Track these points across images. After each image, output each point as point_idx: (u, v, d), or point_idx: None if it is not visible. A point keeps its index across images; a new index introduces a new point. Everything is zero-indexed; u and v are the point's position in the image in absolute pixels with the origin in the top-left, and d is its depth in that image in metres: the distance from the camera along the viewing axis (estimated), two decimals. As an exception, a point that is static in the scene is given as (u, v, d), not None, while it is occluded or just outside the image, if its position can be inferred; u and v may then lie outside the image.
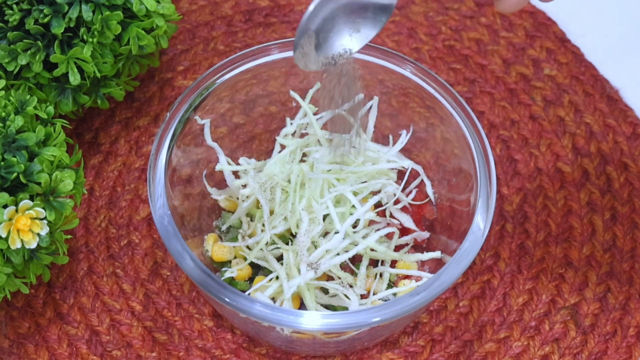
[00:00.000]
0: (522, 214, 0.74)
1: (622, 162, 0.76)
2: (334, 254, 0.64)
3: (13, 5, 0.65)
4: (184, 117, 0.66)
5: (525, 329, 0.70)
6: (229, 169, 0.69)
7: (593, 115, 0.78)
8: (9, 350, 0.68)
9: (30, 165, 0.60)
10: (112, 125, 0.77)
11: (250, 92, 0.71)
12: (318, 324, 0.59)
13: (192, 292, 0.71)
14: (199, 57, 0.81)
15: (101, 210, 0.74)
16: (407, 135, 0.70)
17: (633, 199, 0.74)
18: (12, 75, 0.67)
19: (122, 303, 0.70)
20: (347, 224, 0.64)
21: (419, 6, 0.83)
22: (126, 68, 0.72)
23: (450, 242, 0.67)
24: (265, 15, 0.82)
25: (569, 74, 0.80)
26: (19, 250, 0.60)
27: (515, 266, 0.72)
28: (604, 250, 0.73)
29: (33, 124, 0.63)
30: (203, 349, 0.69)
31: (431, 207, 0.71)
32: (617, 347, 0.69)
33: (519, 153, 0.76)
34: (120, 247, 0.72)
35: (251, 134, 0.74)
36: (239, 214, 0.69)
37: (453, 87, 0.74)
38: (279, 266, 0.65)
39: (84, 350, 0.69)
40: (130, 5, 0.68)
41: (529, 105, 0.78)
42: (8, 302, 0.70)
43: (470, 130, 0.65)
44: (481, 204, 0.63)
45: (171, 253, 0.61)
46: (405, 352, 0.69)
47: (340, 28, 0.60)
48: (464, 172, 0.67)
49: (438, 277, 0.60)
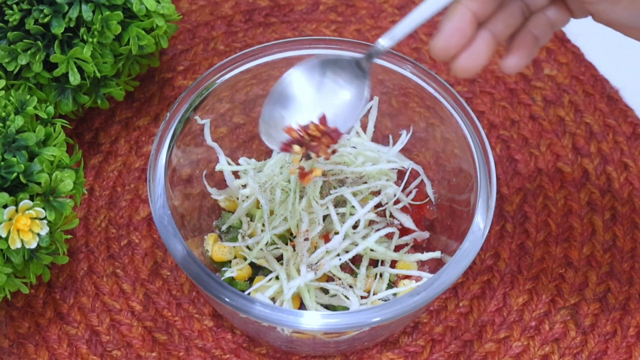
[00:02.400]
0: (522, 214, 0.74)
1: (622, 162, 0.76)
2: (334, 254, 0.64)
3: (13, 5, 0.65)
4: (184, 117, 0.66)
5: (525, 329, 0.70)
6: (229, 169, 0.69)
7: (593, 115, 0.78)
8: (9, 350, 0.68)
9: (30, 165, 0.60)
10: (112, 125, 0.77)
11: (250, 92, 0.71)
12: (318, 324, 0.59)
13: (192, 292, 0.71)
14: (199, 57, 0.81)
15: (101, 210, 0.74)
16: (407, 135, 0.70)
17: (633, 199, 0.74)
18: (12, 75, 0.67)
19: (122, 303, 0.70)
20: (347, 226, 0.64)
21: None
22: (126, 68, 0.72)
23: (450, 242, 0.67)
24: (265, 15, 0.82)
25: (569, 74, 0.80)
26: (19, 250, 0.60)
27: (515, 266, 0.72)
28: (604, 250, 0.73)
29: (33, 124, 0.63)
30: (203, 349, 0.69)
31: (431, 207, 0.71)
32: (617, 347, 0.69)
33: (519, 153, 0.76)
34: (120, 247, 0.72)
35: (251, 134, 0.74)
36: (239, 214, 0.69)
37: (453, 87, 0.74)
38: (279, 266, 0.65)
39: (84, 350, 0.69)
40: (130, 5, 0.68)
41: (529, 105, 0.78)
42: (8, 302, 0.70)
43: (470, 130, 0.65)
44: (481, 204, 0.63)
45: (171, 253, 0.61)
46: (405, 352, 0.69)
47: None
48: (464, 172, 0.67)
49: (438, 277, 0.60)
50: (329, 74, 0.59)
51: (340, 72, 0.58)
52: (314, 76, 0.59)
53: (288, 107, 0.59)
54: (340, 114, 0.59)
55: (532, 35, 0.56)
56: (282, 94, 0.59)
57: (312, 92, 0.59)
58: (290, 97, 0.59)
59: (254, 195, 0.67)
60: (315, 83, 0.59)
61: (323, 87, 0.59)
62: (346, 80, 0.59)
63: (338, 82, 0.59)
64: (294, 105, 0.59)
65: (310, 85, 0.59)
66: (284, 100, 0.59)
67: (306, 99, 0.59)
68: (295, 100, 0.59)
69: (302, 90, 0.59)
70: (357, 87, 0.58)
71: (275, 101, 0.59)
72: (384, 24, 0.82)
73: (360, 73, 0.58)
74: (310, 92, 0.59)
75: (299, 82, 0.59)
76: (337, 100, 0.59)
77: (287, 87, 0.59)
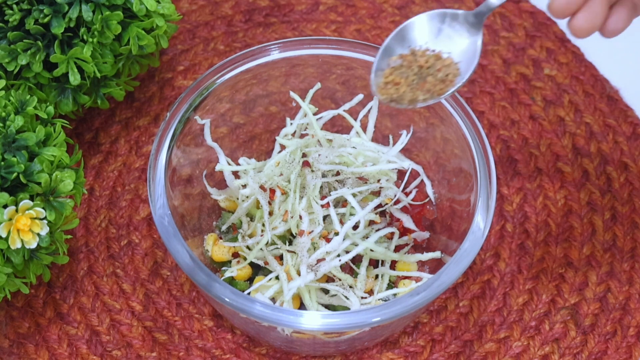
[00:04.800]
0: (522, 214, 0.74)
1: (622, 162, 0.76)
2: (334, 255, 0.64)
3: (13, 5, 0.65)
4: (184, 117, 0.66)
5: (525, 329, 0.70)
6: (229, 169, 0.69)
7: (593, 115, 0.78)
8: (9, 350, 0.68)
9: (30, 165, 0.60)
10: (112, 125, 0.77)
11: (250, 92, 0.71)
12: (318, 324, 0.59)
13: (192, 292, 0.71)
14: (199, 57, 0.81)
15: (101, 210, 0.74)
16: (407, 136, 0.70)
17: (633, 199, 0.74)
18: (12, 75, 0.67)
19: (122, 303, 0.70)
20: (347, 227, 0.64)
21: (419, 6, 0.83)
22: (126, 68, 0.72)
23: (450, 242, 0.67)
24: (265, 15, 0.83)
25: (569, 74, 0.80)
26: (19, 250, 0.60)
27: (515, 266, 0.72)
28: (604, 250, 0.73)
29: (33, 124, 0.63)
30: (203, 349, 0.69)
31: (431, 207, 0.71)
32: (617, 347, 0.69)
33: (519, 153, 0.76)
34: (120, 247, 0.72)
35: (251, 134, 0.74)
36: (239, 214, 0.69)
37: (453, 87, 0.74)
38: (279, 267, 0.65)
39: (84, 350, 0.69)
40: (130, 5, 0.68)
41: (529, 105, 0.78)
42: (8, 302, 0.70)
43: (470, 130, 0.65)
44: (481, 204, 0.63)
45: (171, 253, 0.61)
46: (405, 352, 0.69)
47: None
48: (464, 172, 0.67)
49: (438, 277, 0.60)
50: (445, 26, 0.60)
51: (455, 25, 0.60)
52: (433, 24, 0.60)
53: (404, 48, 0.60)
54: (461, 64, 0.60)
55: (632, 2, 0.58)
56: (401, 39, 0.60)
57: (431, 39, 0.60)
58: (409, 40, 0.60)
59: (253, 195, 0.67)
60: (434, 30, 0.60)
61: (441, 35, 0.60)
62: (460, 32, 0.60)
63: (454, 32, 0.60)
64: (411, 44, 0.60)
65: (431, 32, 0.60)
66: (401, 44, 0.60)
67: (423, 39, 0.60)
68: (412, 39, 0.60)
69: (421, 35, 0.60)
70: (472, 39, 0.59)
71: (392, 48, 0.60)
72: (384, 24, 0.82)
73: (474, 27, 0.59)
74: (429, 39, 0.60)
75: (419, 28, 0.60)
76: (454, 46, 0.60)
77: (408, 32, 0.60)
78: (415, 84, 0.59)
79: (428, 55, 0.59)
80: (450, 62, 0.59)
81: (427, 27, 0.60)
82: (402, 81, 0.59)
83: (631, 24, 0.59)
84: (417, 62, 0.59)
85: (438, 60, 0.59)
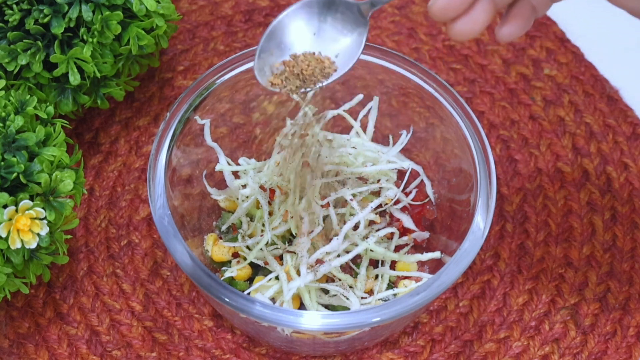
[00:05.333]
0: (522, 214, 0.74)
1: (622, 162, 0.76)
2: (334, 255, 0.64)
3: (13, 5, 0.65)
4: (184, 117, 0.66)
5: (525, 329, 0.70)
6: (228, 169, 0.69)
7: (593, 115, 0.78)
8: (9, 350, 0.68)
9: (30, 165, 0.60)
10: (112, 125, 0.77)
11: (250, 92, 0.71)
12: (318, 324, 0.59)
13: (192, 292, 0.71)
14: (199, 57, 0.81)
15: (101, 210, 0.74)
16: (407, 136, 0.70)
17: (633, 199, 0.74)
18: (12, 75, 0.67)
19: (122, 303, 0.70)
20: (347, 227, 0.64)
21: (419, 6, 0.83)
22: (126, 68, 0.72)
23: (450, 242, 0.67)
24: (265, 15, 0.82)
25: (569, 74, 0.80)
26: (19, 250, 0.60)
27: (515, 266, 0.72)
28: (604, 250, 0.73)
29: (33, 124, 0.63)
30: (203, 349, 0.69)
31: (431, 207, 0.71)
32: (617, 347, 0.69)
33: (519, 153, 0.76)
34: (120, 247, 0.72)
35: (251, 134, 0.74)
36: (238, 214, 0.69)
37: (453, 87, 0.74)
38: (279, 267, 0.65)
39: (84, 350, 0.69)
40: (130, 5, 0.68)
41: (529, 105, 0.78)
42: (8, 302, 0.70)
43: (470, 130, 0.65)
44: (481, 204, 0.63)
45: (171, 253, 0.61)
46: (405, 352, 0.69)
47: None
48: (464, 172, 0.67)
49: (438, 277, 0.60)
50: (329, 18, 0.58)
51: (340, 17, 0.58)
52: (312, 18, 0.58)
53: (284, 49, 0.58)
54: (339, 58, 0.58)
55: (531, 5, 0.56)
56: (280, 36, 0.58)
57: (310, 35, 0.58)
58: (287, 38, 0.58)
59: (253, 195, 0.67)
60: (314, 25, 0.58)
61: (322, 32, 0.58)
62: (345, 26, 0.58)
63: (337, 27, 0.58)
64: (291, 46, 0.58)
65: (309, 28, 0.58)
66: (280, 41, 0.58)
67: (304, 41, 0.58)
68: (292, 41, 0.58)
69: (300, 32, 0.58)
70: (357, 33, 0.58)
71: (271, 40, 0.58)
72: (384, 24, 0.82)
73: (361, 19, 0.57)
74: (308, 35, 0.58)
75: (297, 23, 0.58)
76: (336, 45, 0.58)
77: (285, 28, 0.58)
78: (299, 85, 0.59)
79: (309, 58, 0.58)
80: (330, 63, 0.58)
81: (304, 21, 0.58)
82: (287, 84, 0.59)
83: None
84: (298, 66, 0.58)
85: (319, 63, 0.58)
